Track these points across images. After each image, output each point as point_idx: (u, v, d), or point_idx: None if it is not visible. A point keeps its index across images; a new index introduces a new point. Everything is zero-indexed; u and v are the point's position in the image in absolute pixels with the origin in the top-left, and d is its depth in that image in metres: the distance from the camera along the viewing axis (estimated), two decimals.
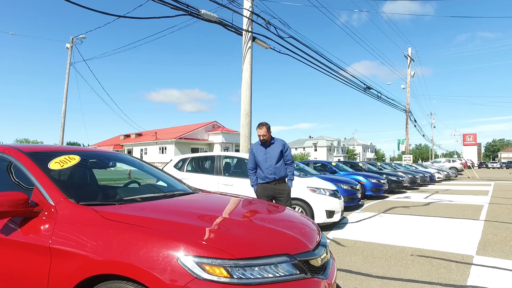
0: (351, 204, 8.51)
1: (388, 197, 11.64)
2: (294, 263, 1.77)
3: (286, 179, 4.68)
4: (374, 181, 11.15)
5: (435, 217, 7.22)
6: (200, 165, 7.24)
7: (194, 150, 41.64)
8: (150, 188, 2.91)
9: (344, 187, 8.39)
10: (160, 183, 3.15)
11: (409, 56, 32.36)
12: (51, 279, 1.75)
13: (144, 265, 1.55)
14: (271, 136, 4.64)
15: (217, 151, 42.64)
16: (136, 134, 46.89)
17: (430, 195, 12.08)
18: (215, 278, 1.53)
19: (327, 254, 2.14)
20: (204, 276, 1.53)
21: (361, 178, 11.10)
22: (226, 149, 42.75)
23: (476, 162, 54.30)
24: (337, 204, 6.09)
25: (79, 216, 1.88)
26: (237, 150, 42.83)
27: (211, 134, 44.22)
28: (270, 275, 1.65)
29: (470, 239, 5.15)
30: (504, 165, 58.40)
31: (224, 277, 1.55)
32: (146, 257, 1.57)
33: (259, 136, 4.56)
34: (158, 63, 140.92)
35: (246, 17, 11.18)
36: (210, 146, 43.67)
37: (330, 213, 5.95)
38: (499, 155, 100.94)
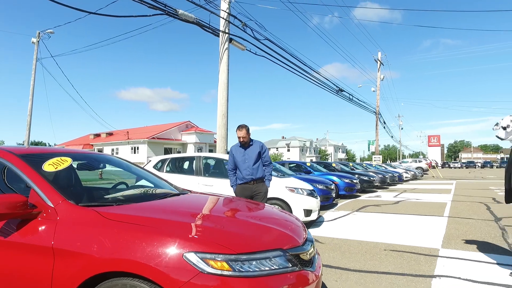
0: (326, 203, 8.83)
1: (360, 196, 12.13)
2: (286, 257, 1.93)
3: (264, 179, 4.81)
4: (347, 181, 11.58)
5: (404, 215, 7.68)
6: (180, 166, 7.27)
7: (167, 150, 41.02)
8: (142, 189, 2.96)
9: (320, 187, 8.69)
10: (149, 184, 3.21)
11: (379, 60, 33.63)
12: (54, 278, 1.80)
13: (150, 262, 1.65)
14: (250, 137, 4.77)
15: (190, 151, 42.34)
16: (107, 133, 45.50)
17: (399, 194, 12.72)
18: (218, 272, 1.66)
19: (313, 249, 2.32)
20: (208, 270, 1.66)
21: (335, 178, 11.50)
22: (200, 149, 42.43)
23: (439, 162, 57.25)
24: (314, 203, 6.34)
25: (81, 217, 1.94)
26: (211, 150, 42.64)
27: (185, 134, 43.75)
28: (266, 268, 1.80)
29: (436, 234, 5.56)
30: (464, 165, 62.02)
31: (226, 270, 1.68)
32: (152, 254, 1.67)
33: (239, 138, 4.67)
34: (128, 61, 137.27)
35: (223, 18, 11.24)
36: (184, 146, 43.19)
37: (308, 212, 6.19)
38: (459, 155, 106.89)
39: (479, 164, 59.68)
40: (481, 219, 7.02)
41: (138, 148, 40.34)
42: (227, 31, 11.27)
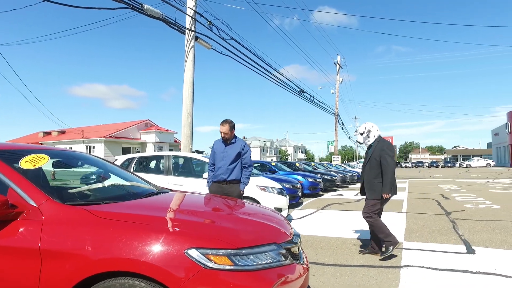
0: (293, 202, 9.04)
1: (323, 195, 12.54)
2: (280, 251, 1.99)
3: (240, 182, 4.58)
4: (311, 180, 11.93)
5: None
6: (148, 165, 7.07)
7: (125, 150, 39.45)
8: (122, 188, 2.86)
9: (287, 186, 8.88)
10: (126, 182, 3.10)
11: (338, 64, 34.93)
12: (42, 282, 1.70)
13: (150, 260, 1.62)
14: (234, 135, 4.56)
15: (150, 150, 41.05)
16: (58, 131, 42.74)
17: (358, 192, 13.31)
18: (220, 267, 1.68)
19: (300, 243, 2.41)
20: (210, 265, 1.66)
21: (299, 178, 11.77)
22: (160, 149, 41.34)
23: None
24: (284, 202, 6.49)
25: (70, 216, 1.85)
26: (171, 150, 41.69)
27: (144, 133, 42.33)
28: (263, 262, 1.84)
29: (398, 228, 5.93)
30: (414, 164, 66.38)
31: (228, 265, 1.70)
32: (151, 252, 1.64)
33: (221, 133, 4.47)
34: (82, 55, 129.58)
35: (189, 15, 11.10)
36: (143, 145, 41.81)
37: (278, 210, 6.31)
38: (410, 155, 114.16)
39: (427, 164, 64.20)
40: (434, 213, 7.60)
41: (94, 147, 38.36)
42: (193, 29, 11.15)
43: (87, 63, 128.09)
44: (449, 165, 62.81)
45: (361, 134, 4.42)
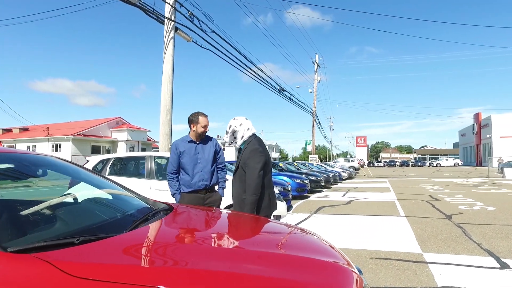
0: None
1: (309, 196, 12.01)
2: None
3: (217, 187, 3.75)
4: (298, 181, 11.36)
5: (364, 216, 7.59)
6: (126, 167, 6.17)
7: (95, 148, 37.42)
8: (104, 206, 2.04)
9: (278, 189, 8.24)
10: (106, 195, 2.29)
11: (316, 63, 34.78)
12: None
13: None
14: None
15: (122, 149, 39.15)
16: (20, 128, 39.84)
17: (345, 193, 12.93)
18: None
19: None
20: None
21: (285, 179, 11.17)
22: (132, 148, 39.61)
23: (366, 161, 61.87)
24: (283, 208, 5.84)
25: (17, 277, 1.04)
26: (144, 149, 40.06)
27: (115, 131, 40.33)
28: None
29: (407, 236, 5.43)
30: (386, 164, 68.01)
31: None
32: None
33: (203, 127, 3.56)
34: (44, 48, 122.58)
35: (169, 4, 10.26)
36: (114, 144, 39.85)
37: (277, 218, 5.64)
38: (380, 155, 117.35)
39: (398, 163, 65.94)
40: (435, 217, 7.22)
41: (60, 145, 36.00)
42: (173, 18, 10.33)
43: (50, 55, 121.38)
44: (419, 164, 64.84)
45: (226, 132, 3.30)
